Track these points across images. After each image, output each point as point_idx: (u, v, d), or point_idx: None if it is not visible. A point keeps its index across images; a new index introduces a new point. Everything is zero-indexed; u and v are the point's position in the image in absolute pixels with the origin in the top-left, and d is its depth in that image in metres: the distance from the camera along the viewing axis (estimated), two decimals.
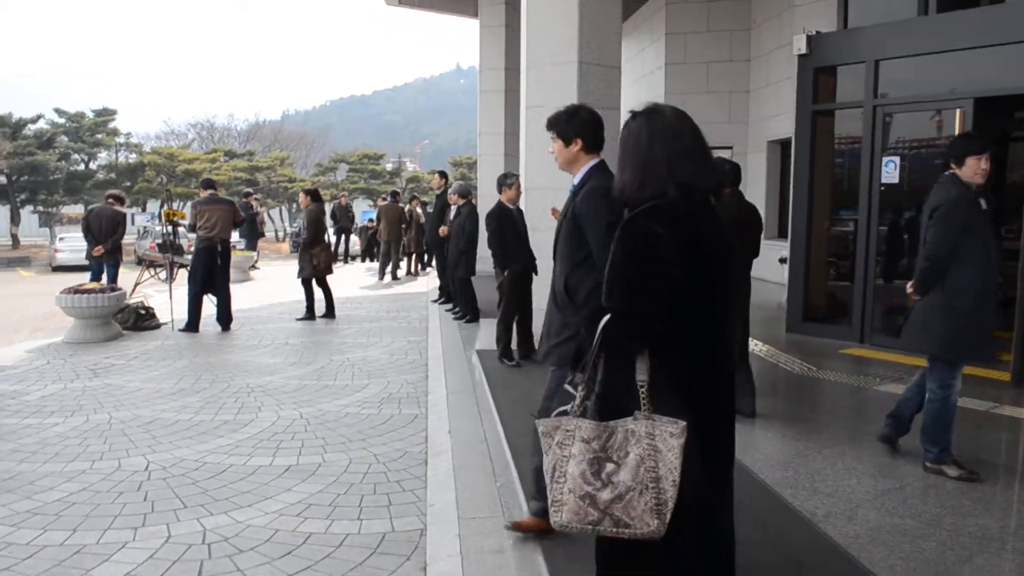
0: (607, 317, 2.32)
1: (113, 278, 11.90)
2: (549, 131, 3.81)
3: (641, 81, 16.99)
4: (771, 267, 13.54)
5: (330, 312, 11.61)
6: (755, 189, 14.81)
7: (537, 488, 3.81)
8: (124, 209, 12.37)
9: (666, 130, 2.40)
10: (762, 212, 14.38)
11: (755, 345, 8.22)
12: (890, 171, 8.16)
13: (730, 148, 15.09)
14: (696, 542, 2.37)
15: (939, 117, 8.12)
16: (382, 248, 17.94)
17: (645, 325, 2.27)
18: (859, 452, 4.89)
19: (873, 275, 8.36)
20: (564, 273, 3.68)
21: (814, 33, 8.89)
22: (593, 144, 3.75)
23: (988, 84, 7.46)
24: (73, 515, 4.41)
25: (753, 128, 15.02)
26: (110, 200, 12.33)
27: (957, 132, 7.53)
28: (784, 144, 13.88)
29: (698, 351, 2.35)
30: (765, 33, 14.44)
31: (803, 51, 8.81)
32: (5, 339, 11.49)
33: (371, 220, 24.32)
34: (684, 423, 2.17)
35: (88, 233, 12.00)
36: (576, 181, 3.75)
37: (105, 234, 11.81)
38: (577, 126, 3.71)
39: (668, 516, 2.16)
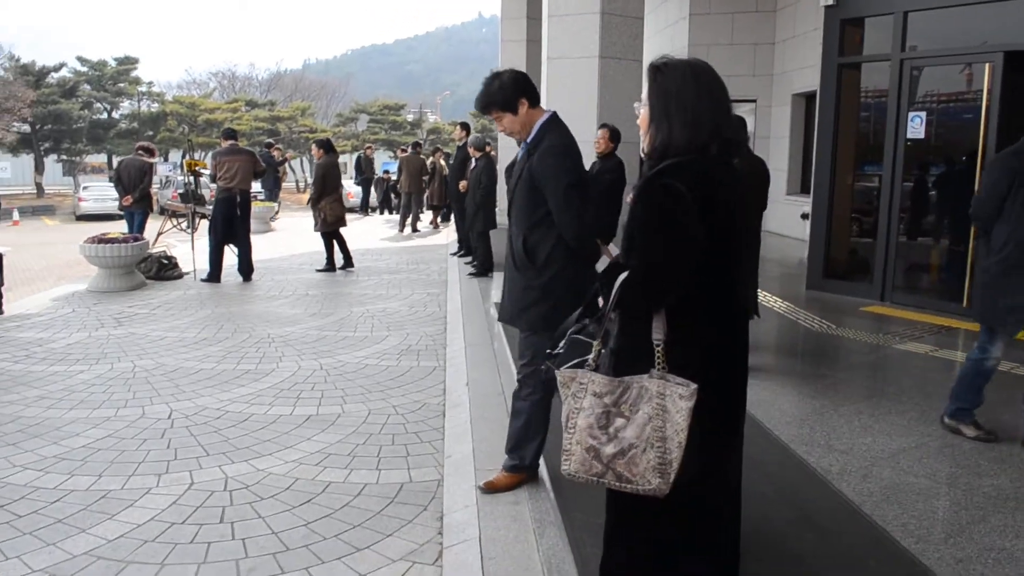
0: (624, 274, 2.30)
1: (141, 226, 12.08)
2: (489, 113, 3.74)
3: (664, 32, 16.70)
4: (793, 223, 13.43)
5: (347, 262, 11.67)
6: (779, 143, 14.63)
7: (512, 446, 3.87)
8: (153, 160, 12.52)
9: (711, 83, 2.35)
10: (785, 166, 14.30)
11: (774, 301, 8.19)
12: (916, 126, 8.03)
13: (754, 101, 14.86)
14: (705, 499, 2.39)
15: (968, 71, 7.94)
16: (402, 200, 17.92)
17: (665, 285, 2.26)
18: (876, 410, 4.89)
19: (896, 232, 8.27)
20: (522, 234, 3.66)
21: None
22: (536, 98, 3.71)
23: (1020, 37, 7.27)
24: (98, 461, 4.51)
25: (777, 81, 14.76)
26: (140, 151, 12.52)
27: (986, 87, 7.38)
28: (809, 97, 13.65)
29: (716, 310, 2.34)
30: None
31: (830, 2, 8.62)
32: (31, 287, 11.66)
33: (387, 172, 24.26)
34: (695, 386, 2.17)
35: (119, 183, 12.23)
36: (529, 138, 3.70)
37: (133, 183, 11.95)
38: (515, 89, 3.65)
39: (672, 475, 2.17)
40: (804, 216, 10.83)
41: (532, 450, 3.87)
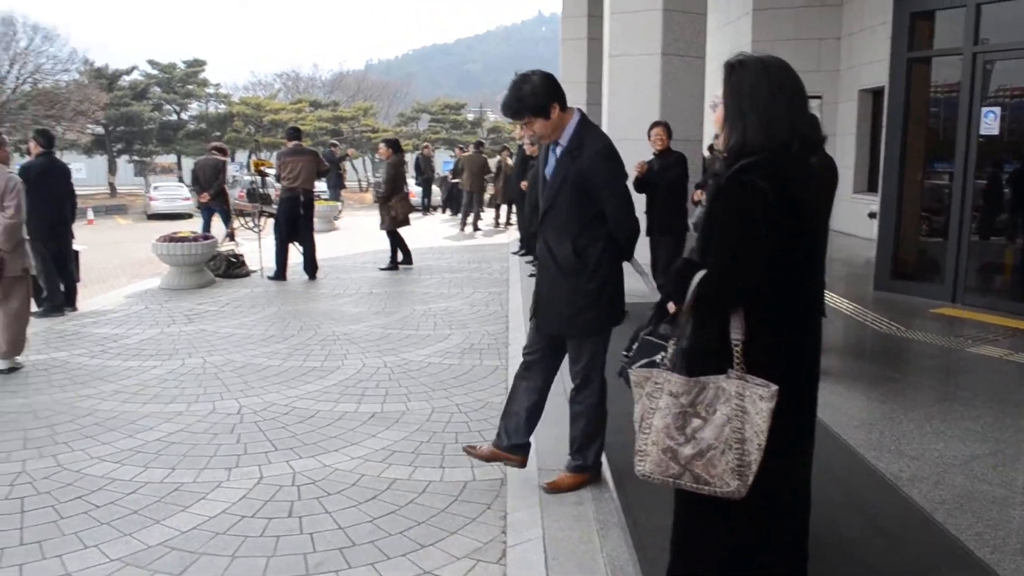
0: (701, 273, 2.28)
1: (226, 221, 13.25)
2: (519, 119, 3.69)
3: (726, 28, 16.49)
4: (860, 221, 13.15)
5: (407, 259, 11.79)
6: (845, 140, 14.35)
7: (577, 447, 3.90)
8: (225, 158, 13.22)
9: (785, 80, 2.32)
10: (851, 164, 14.02)
11: (841, 302, 8.04)
12: (990, 122, 7.79)
13: (819, 98, 14.59)
14: (779, 499, 2.36)
15: None
16: (464, 199, 18.04)
17: (742, 284, 2.23)
18: (948, 415, 4.77)
19: (968, 231, 8.03)
20: (571, 237, 3.63)
21: None
22: (564, 100, 3.67)
23: None
24: (172, 454, 4.65)
25: (844, 77, 14.48)
26: (213, 151, 13.35)
27: None
28: (876, 93, 13.35)
29: (791, 308, 2.31)
30: None
31: None
32: (106, 284, 12.05)
33: (452, 171, 24.48)
34: (776, 387, 2.14)
35: (196, 183, 13.14)
36: (564, 140, 3.66)
37: (208, 181, 12.76)
38: (546, 93, 3.59)
39: (750, 478, 2.15)
40: (871, 215, 10.59)
41: (594, 450, 3.89)
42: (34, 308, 8.62)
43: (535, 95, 3.59)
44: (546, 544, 3.39)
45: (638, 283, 4.20)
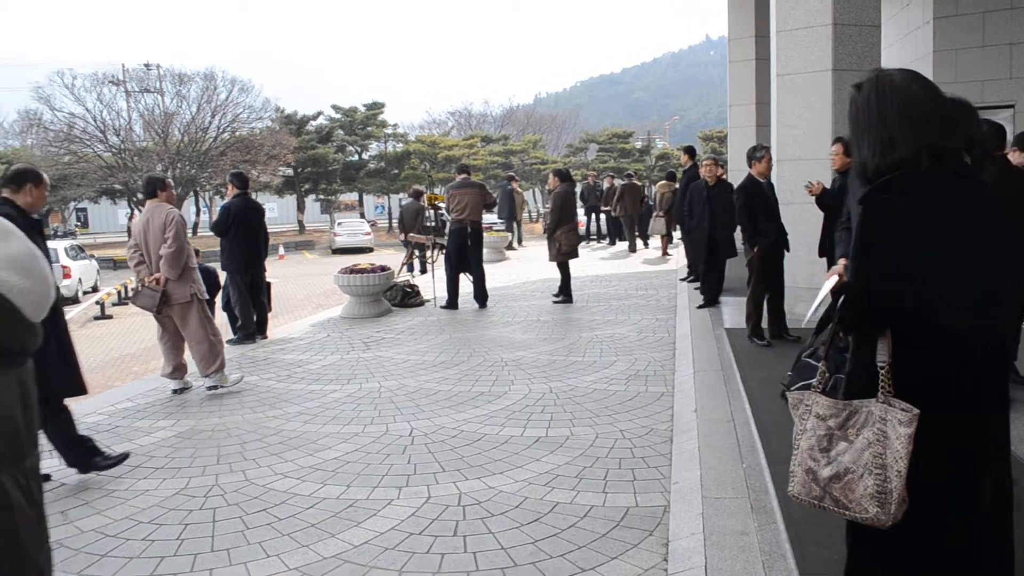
0: (846, 293, 2.22)
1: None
2: None
3: (906, 40, 15.64)
4: None
5: (567, 296, 11.34)
6: None
7: None
8: (422, 202, 14.88)
9: (898, 95, 2.22)
10: None
11: None
12: None
13: (1011, 107, 13.54)
14: (951, 541, 2.19)
15: None
16: (626, 223, 20.07)
17: (876, 304, 2.14)
18: None
19: None
20: None
21: None
22: None
23: None
24: (347, 472, 4.88)
25: None
26: (412, 195, 16.23)
27: None
28: None
29: (949, 333, 2.16)
30: None
31: None
32: (293, 314, 12.87)
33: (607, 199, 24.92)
34: (916, 411, 2.03)
35: (401, 223, 16.02)
36: None
37: (411, 224, 15.13)
38: None
39: (892, 506, 2.04)
40: None
41: None
42: (230, 335, 9.34)
43: None
44: (708, 574, 3.30)
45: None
